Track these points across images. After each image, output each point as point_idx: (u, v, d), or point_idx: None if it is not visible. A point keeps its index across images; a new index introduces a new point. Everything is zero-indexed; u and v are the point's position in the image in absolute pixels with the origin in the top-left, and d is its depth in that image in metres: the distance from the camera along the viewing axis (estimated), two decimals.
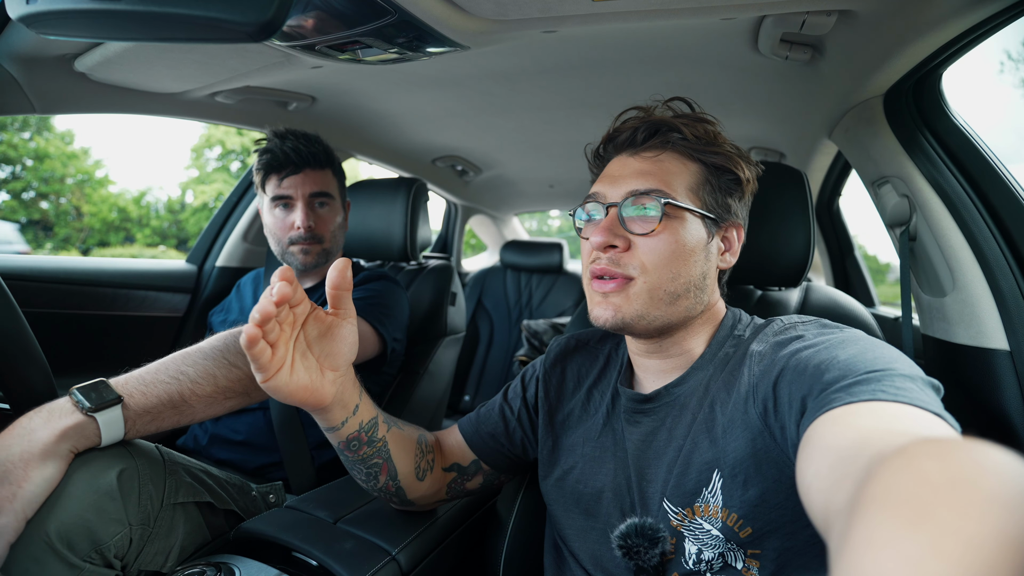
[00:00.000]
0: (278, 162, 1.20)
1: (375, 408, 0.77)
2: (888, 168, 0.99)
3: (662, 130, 0.69)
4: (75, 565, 0.63)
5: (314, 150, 1.22)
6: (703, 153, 0.68)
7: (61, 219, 18.67)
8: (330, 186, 1.26)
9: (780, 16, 0.87)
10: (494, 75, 1.27)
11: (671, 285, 0.65)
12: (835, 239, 2.09)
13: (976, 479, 0.26)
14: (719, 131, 0.71)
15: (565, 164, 2.20)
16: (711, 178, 0.69)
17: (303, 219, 1.19)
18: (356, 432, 0.73)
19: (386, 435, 0.77)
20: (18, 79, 1.02)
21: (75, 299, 1.45)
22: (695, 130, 0.69)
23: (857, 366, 0.48)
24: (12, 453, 0.60)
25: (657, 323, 0.66)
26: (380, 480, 0.78)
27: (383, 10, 0.78)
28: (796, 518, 0.55)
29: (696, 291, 0.67)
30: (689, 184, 0.68)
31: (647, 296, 0.65)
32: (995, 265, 0.81)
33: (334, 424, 0.71)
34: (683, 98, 0.73)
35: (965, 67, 0.86)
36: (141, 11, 0.57)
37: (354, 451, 0.75)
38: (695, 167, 0.69)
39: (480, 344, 2.77)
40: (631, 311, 0.65)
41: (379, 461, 0.77)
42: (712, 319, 0.72)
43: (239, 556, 0.77)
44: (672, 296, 0.66)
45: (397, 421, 0.82)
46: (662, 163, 0.68)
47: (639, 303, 0.65)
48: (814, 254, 0.90)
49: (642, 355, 0.74)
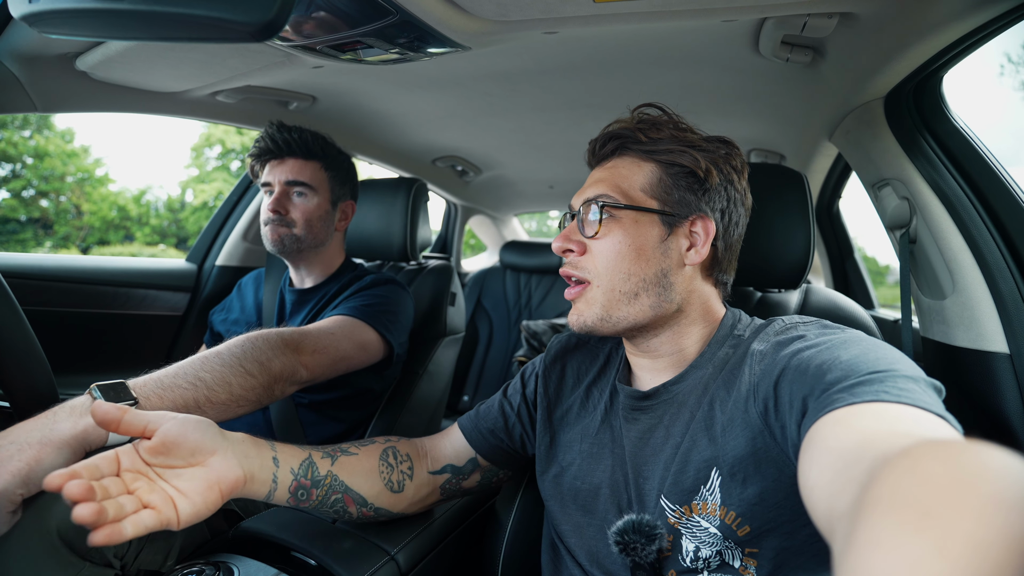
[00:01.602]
0: (261, 149, 1.26)
1: (301, 450, 0.73)
2: (888, 170, 0.99)
3: (621, 139, 0.72)
4: (75, 563, 0.63)
5: (292, 139, 1.25)
6: (655, 153, 0.70)
7: (61, 217, 18.67)
8: (311, 177, 1.27)
9: (781, 18, 0.87)
10: (495, 76, 1.27)
11: (624, 285, 0.67)
12: (835, 241, 2.09)
13: (980, 481, 0.26)
14: (680, 130, 0.71)
15: (565, 165, 2.20)
16: (664, 175, 0.69)
17: (272, 202, 1.25)
18: (293, 481, 0.69)
19: (331, 468, 0.74)
20: (19, 77, 1.02)
21: (75, 298, 1.44)
22: (648, 132, 0.70)
23: (859, 367, 0.48)
24: (31, 436, 0.61)
25: (623, 324, 0.68)
26: (352, 511, 0.76)
27: (385, 10, 0.78)
28: (795, 518, 0.56)
29: (657, 289, 0.68)
30: (642, 184, 0.69)
31: (603, 298, 0.68)
32: (995, 268, 0.81)
33: (265, 488, 0.66)
34: (655, 104, 0.74)
35: (966, 70, 0.86)
36: (143, 10, 0.57)
37: (305, 499, 0.71)
38: (649, 167, 0.70)
39: (479, 344, 2.76)
40: (592, 315, 0.69)
41: (337, 496, 0.74)
42: (705, 318, 0.71)
43: (238, 555, 0.77)
44: (629, 296, 0.67)
45: (345, 448, 0.79)
46: (615, 168, 0.71)
47: (597, 306, 0.68)
48: (814, 256, 0.90)
49: (634, 354, 0.75)
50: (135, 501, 0.52)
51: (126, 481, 0.53)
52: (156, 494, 0.54)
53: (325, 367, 1.01)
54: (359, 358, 1.12)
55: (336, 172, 1.32)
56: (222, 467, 0.60)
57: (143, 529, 0.51)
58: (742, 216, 0.73)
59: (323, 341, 1.02)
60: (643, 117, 0.73)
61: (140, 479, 0.55)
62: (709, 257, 0.71)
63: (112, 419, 0.55)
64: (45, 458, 0.60)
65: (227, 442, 0.63)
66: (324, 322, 1.11)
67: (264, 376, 0.86)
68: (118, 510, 0.50)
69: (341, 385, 1.23)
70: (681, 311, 0.70)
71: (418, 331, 1.44)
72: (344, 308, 1.17)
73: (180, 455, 0.58)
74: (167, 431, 0.57)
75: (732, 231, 0.72)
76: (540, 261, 2.82)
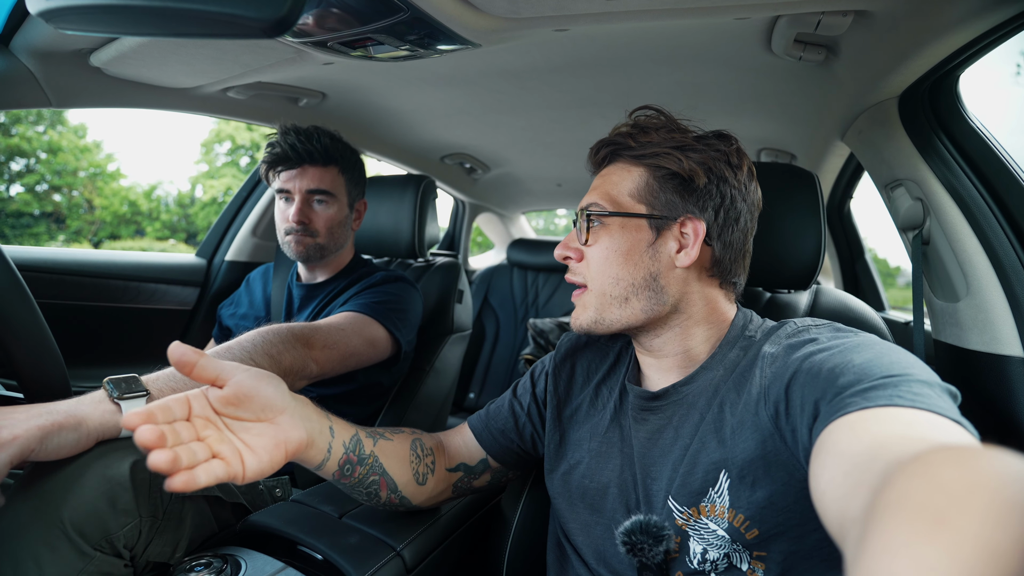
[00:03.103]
0: (277, 157, 1.25)
1: (351, 426, 0.74)
2: (902, 171, 0.98)
3: (610, 145, 0.73)
4: (86, 553, 0.64)
5: (311, 147, 1.24)
6: (643, 157, 0.70)
7: (73, 212, 18.88)
8: (331, 183, 1.27)
9: (795, 16, 0.86)
10: (504, 73, 1.26)
11: (614, 289, 0.69)
12: (845, 242, 2.07)
13: (994, 486, 0.26)
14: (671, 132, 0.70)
15: (573, 163, 2.19)
16: (651, 179, 0.69)
17: (295, 214, 1.24)
18: (344, 455, 0.70)
19: (373, 449, 0.75)
20: (35, 73, 1.03)
21: (87, 291, 1.46)
22: (639, 137, 0.70)
23: (873, 371, 0.48)
24: (59, 407, 0.65)
25: (616, 325, 0.70)
26: (382, 496, 0.77)
27: (396, 7, 0.78)
28: (804, 522, 0.55)
29: (648, 292, 0.68)
30: (630, 189, 0.70)
31: (596, 301, 0.70)
32: (1011, 270, 0.80)
33: (321, 456, 0.67)
34: (651, 106, 0.75)
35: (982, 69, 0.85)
36: (157, 6, 0.57)
37: (349, 475, 0.72)
38: (638, 171, 0.71)
39: (486, 342, 2.77)
40: (587, 317, 0.71)
41: (375, 478, 0.75)
42: (711, 319, 0.71)
43: (245, 549, 0.78)
44: (619, 299, 0.69)
45: (381, 432, 0.80)
46: (608, 176, 0.73)
47: (592, 309, 0.71)
48: (824, 257, 0.89)
49: (641, 353, 0.75)
50: (206, 449, 0.51)
51: (196, 427, 0.53)
52: (225, 445, 0.53)
53: (335, 362, 1.02)
54: (368, 354, 1.12)
55: (351, 174, 1.33)
56: (289, 427, 0.60)
57: (214, 479, 0.50)
58: (743, 213, 0.70)
59: (333, 337, 1.03)
60: (637, 121, 0.73)
61: (209, 427, 0.54)
62: (707, 258, 0.70)
63: (188, 361, 0.54)
64: (66, 426, 0.63)
65: (296, 403, 0.63)
66: (334, 318, 1.12)
67: (275, 370, 0.87)
68: (191, 457, 0.49)
69: (349, 380, 1.24)
70: (679, 312, 0.69)
71: (425, 328, 1.45)
72: (354, 304, 1.18)
73: (251, 409, 0.58)
74: (241, 382, 0.57)
75: (731, 229, 0.69)
76: (547, 259, 2.82)
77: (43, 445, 0.61)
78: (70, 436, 0.63)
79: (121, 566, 0.69)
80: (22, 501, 0.64)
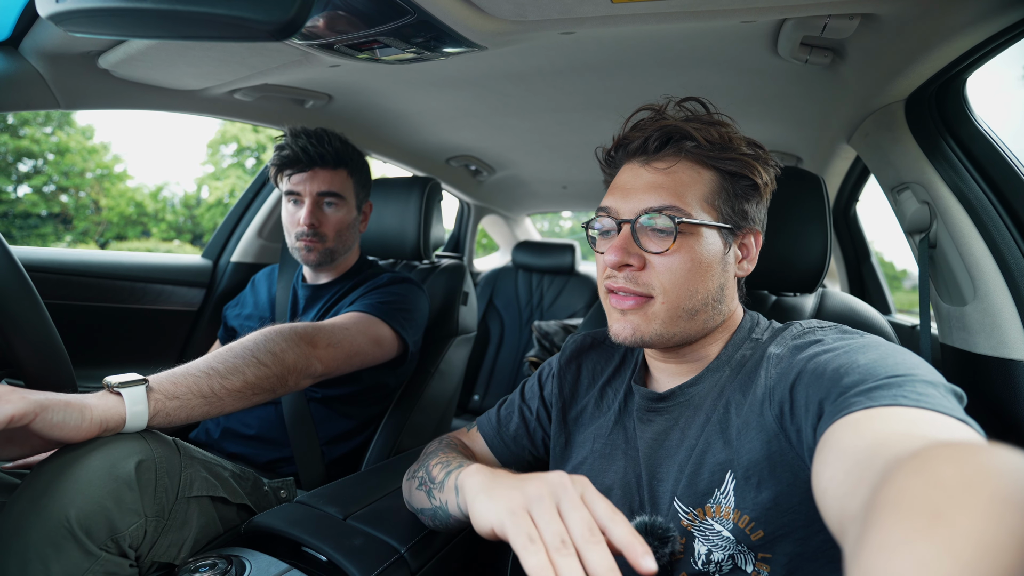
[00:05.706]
0: (287, 159, 1.24)
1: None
2: (908, 174, 0.97)
3: (675, 138, 0.66)
4: (92, 552, 0.64)
5: (323, 150, 1.24)
6: (718, 160, 0.65)
7: (80, 213, 19.01)
8: (340, 186, 1.27)
9: (801, 19, 0.86)
10: (510, 76, 1.27)
11: (689, 302, 0.64)
12: (851, 245, 2.06)
13: (992, 482, 0.26)
14: (734, 132, 0.68)
15: (579, 165, 2.20)
16: (726, 185, 0.66)
17: (306, 217, 1.23)
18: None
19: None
20: (43, 75, 1.04)
21: (93, 292, 1.47)
22: (708, 135, 0.65)
23: (878, 371, 0.47)
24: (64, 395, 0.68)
25: (676, 339, 0.66)
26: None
27: (402, 10, 0.79)
28: (809, 523, 0.55)
29: (714, 303, 0.67)
30: (703, 194, 0.65)
31: (665, 315, 0.64)
32: (1018, 274, 0.80)
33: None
34: (698, 98, 0.70)
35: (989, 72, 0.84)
36: (166, 9, 0.58)
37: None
38: (709, 175, 0.66)
39: (491, 344, 2.77)
40: (650, 331, 0.65)
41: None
42: (730, 324, 0.71)
43: (250, 549, 0.78)
44: (691, 313, 0.65)
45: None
46: (675, 174, 0.65)
47: (658, 323, 0.64)
48: (830, 260, 0.89)
49: (658, 359, 0.74)
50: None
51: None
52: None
53: (340, 361, 1.02)
54: (373, 354, 1.12)
55: (359, 176, 1.33)
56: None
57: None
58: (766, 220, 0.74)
59: (338, 336, 1.03)
60: (690, 116, 0.68)
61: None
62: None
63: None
64: (72, 404, 0.66)
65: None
66: (340, 318, 1.12)
67: (278, 367, 0.88)
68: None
69: (354, 381, 1.24)
70: (723, 320, 0.70)
71: (430, 330, 1.45)
72: (360, 304, 1.18)
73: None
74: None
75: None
76: (552, 261, 2.82)
77: (45, 413, 0.63)
78: (73, 415, 0.66)
79: (126, 566, 0.69)
80: (28, 500, 0.64)
